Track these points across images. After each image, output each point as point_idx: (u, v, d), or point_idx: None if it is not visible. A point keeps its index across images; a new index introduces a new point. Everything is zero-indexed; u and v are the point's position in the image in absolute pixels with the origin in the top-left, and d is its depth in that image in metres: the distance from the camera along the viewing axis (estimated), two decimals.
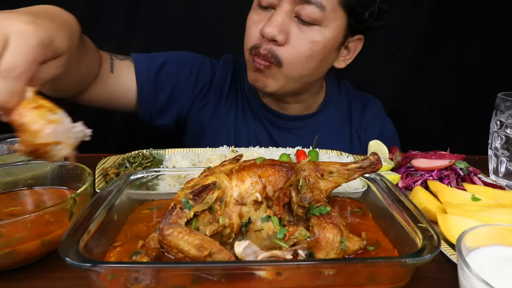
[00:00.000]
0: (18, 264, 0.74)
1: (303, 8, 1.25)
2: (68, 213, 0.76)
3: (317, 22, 1.28)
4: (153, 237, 0.72)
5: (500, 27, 2.12)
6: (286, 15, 1.27)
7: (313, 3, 1.25)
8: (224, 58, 1.63)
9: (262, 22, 1.30)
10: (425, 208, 0.94)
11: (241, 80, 1.62)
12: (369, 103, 1.70)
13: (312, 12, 1.25)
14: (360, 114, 1.67)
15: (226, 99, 1.58)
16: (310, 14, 1.26)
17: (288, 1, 1.26)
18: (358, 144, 1.64)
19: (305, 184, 0.80)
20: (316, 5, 1.25)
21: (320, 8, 1.25)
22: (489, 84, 1.87)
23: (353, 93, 1.73)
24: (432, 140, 1.69)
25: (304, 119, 1.59)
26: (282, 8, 1.27)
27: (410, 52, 2.19)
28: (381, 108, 1.74)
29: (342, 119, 1.65)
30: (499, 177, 1.22)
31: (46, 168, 0.95)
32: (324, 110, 1.62)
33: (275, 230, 0.71)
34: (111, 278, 0.61)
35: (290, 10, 1.27)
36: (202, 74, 1.56)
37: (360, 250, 0.73)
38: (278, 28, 1.25)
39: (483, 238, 0.69)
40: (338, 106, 1.65)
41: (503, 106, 1.17)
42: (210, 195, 0.69)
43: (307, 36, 1.29)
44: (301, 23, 1.28)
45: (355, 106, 1.68)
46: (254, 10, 1.36)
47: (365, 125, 1.65)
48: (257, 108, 1.58)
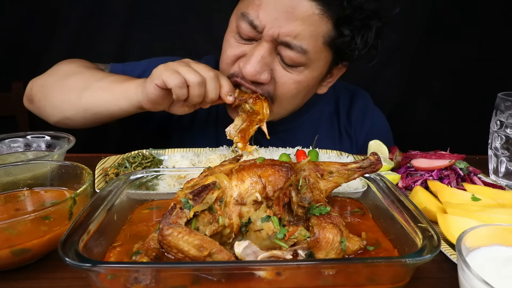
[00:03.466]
0: (18, 264, 0.74)
1: (285, 50, 1.18)
2: (68, 213, 0.76)
3: (300, 64, 1.22)
4: (153, 237, 0.71)
5: (500, 27, 2.12)
6: (268, 53, 1.19)
7: (294, 48, 1.17)
8: (205, 59, 1.59)
9: (240, 51, 1.24)
10: (425, 208, 0.94)
11: None
12: (356, 97, 1.63)
13: (294, 56, 1.18)
14: (347, 109, 1.60)
15: None
16: (292, 58, 1.19)
17: (269, 41, 1.18)
18: (347, 142, 1.59)
19: (305, 184, 0.80)
20: (296, 50, 1.17)
21: (302, 52, 1.18)
22: (489, 84, 1.86)
23: (340, 85, 1.61)
24: (432, 140, 1.68)
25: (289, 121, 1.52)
26: (263, 46, 1.18)
27: (410, 52, 2.19)
28: (369, 100, 1.66)
29: (329, 116, 1.59)
30: (499, 177, 1.22)
31: (46, 168, 0.95)
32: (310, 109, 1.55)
33: (275, 230, 0.71)
34: (111, 278, 0.61)
35: (271, 48, 1.19)
36: None
37: (360, 250, 0.73)
38: (258, 70, 1.19)
39: (483, 238, 0.69)
40: (325, 102, 1.58)
41: (503, 106, 1.17)
42: (210, 195, 0.69)
43: (291, 76, 1.23)
44: (283, 63, 1.22)
45: (342, 101, 1.61)
46: (232, 33, 1.27)
47: (354, 122, 1.60)
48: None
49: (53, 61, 2.09)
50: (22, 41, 2.00)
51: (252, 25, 1.18)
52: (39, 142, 1.24)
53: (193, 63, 1.19)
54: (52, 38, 2.02)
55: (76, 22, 2.00)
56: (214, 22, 2.06)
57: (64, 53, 2.02)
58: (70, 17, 2.00)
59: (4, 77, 2.02)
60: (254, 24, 1.17)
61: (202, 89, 1.15)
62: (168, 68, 1.15)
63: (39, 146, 1.23)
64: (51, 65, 1.42)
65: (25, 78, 2.03)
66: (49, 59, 2.02)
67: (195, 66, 1.17)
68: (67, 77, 1.34)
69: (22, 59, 2.03)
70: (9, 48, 2.00)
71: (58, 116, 1.34)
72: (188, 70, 1.14)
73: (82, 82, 1.30)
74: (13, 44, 2.00)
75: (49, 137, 1.24)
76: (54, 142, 1.23)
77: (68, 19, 2.00)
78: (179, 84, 1.12)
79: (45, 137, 1.24)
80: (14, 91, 2.02)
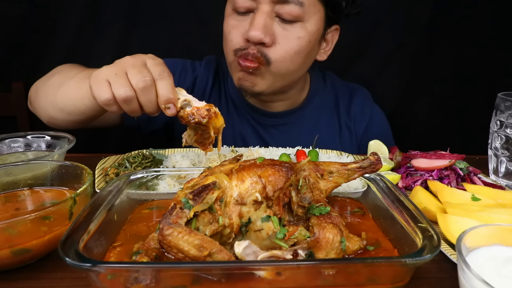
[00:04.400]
0: (18, 264, 0.74)
1: (282, 7, 1.26)
2: (68, 213, 0.76)
3: (299, 19, 1.28)
4: (153, 237, 0.72)
5: (500, 27, 2.12)
6: (268, 16, 1.26)
7: (291, 1, 1.25)
8: (207, 59, 1.64)
9: (242, 27, 1.30)
10: (425, 208, 0.94)
11: (225, 80, 1.62)
12: (356, 92, 1.69)
13: (292, 10, 1.26)
14: (347, 104, 1.66)
15: (208, 99, 1.58)
16: (291, 12, 1.26)
17: (267, 2, 1.25)
18: (347, 135, 1.63)
19: (305, 184, 0.80)
20: (294, 3, 1.25)
21: (299, 5, 1.26)
22: (489, 84, 1.87)
23: (339, 83, 1.71)
24: (432, 140, 1.68)
25: (290, 115, 1.58)
26: (261, 11, 1.26)
27: (410, 52, 2.19)
28: (368, 96, 1.72)
29: (329, 110, 1.64)
30: (499, 177, 1.22)
31: (46, 168, 0.95)
32: (309, 103, 1.61)
33: (275, 230, 0.71)
34: (111, 278, 0.61)
35: (270, 11, 1.26)
36: (184, 78, 1.57)
37: (360, 250, 0.73)
38: (263, 31, 1.25)
39: (483, 238, 0.69)
40: (324, 98, 1.64)
41: (503, 106, 1.17)
42: (210, 195, 0.69)
43: (292, 34, 1.29)
44: (283, 22, 1.29)
45: (341, 96, 1.66)
46: (230, 16, 1.34)
47: (353, 115, 1.64)
48: (241, 107, 1.58)
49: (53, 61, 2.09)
50: (22, 41, 2.00)
51: None
52: (39, 142, 1.24)
53: (138, 65, 1.01)
54: (52, 38, 2.02)
55: (76, 22, 2.00)
56: (214, 21, 2.06)
57: (64, 53, 2.02)
58: (70, 17, 1.99)
59: (4, 77, 2.03)
60: None
61: (134, 104, 1.00)
62: (98, 78, 1.02)
63: (39, 146, 1.23)
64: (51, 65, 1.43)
65: (25, 78, 2.04)
66: (49, 59, 2.03)
67: (134, 70, 0.99)
68: (51, 77, 1.36)
69: (22, 59, 2.03)
70: (9, 48, 2.00)
71: (45, 116, 1.35)
72: (118, 81, 0.99)
73: (59, 80, 1.29)
74: (13, 44, 2.00)
75: (49, 137, 1.24)
76: (54, 142, 1.23)
77: (68, 19, 1.99)
78: (106, 102, 0.99)
79: (45, 137, 1.24)
80: (14, 91, 2.02)
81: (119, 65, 1.02)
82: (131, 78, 0.99)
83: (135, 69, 1.00)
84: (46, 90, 1.32)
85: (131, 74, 0.99)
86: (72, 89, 1.22)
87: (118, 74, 1.00)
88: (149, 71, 1.00)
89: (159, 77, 0.99)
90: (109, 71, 1.01)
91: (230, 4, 1.35)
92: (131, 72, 0.99)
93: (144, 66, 1.01)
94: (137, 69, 0.99)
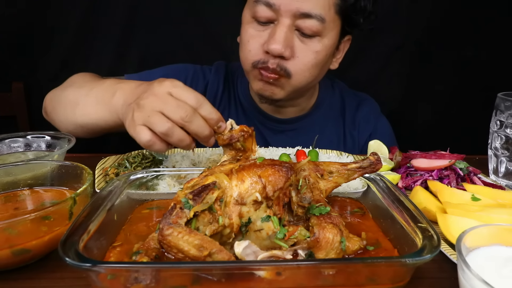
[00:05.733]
0: (18, 264, 0.74)
1: (304, 22, 1.26)
2: (68, 213, 0.76)
3: (318, 33, 1.29)
4: (153, 237, 0.72)
5: (500, 27, 2.12)
6: (288, 29, 1.26)
7: (314, 17, 1.25)
8: (216, 65, 1.65)
9: (261, 38, 1.31)
10: (425, 208, 0.94)
11: (234, 85, 1.63)
12: (363, 102, 1.70)
13: (313, 25, 1.26)
14: (353, 113, 1.67)
15: (219, 105, 1.60)
16: (311, 27, 1.26)
17: (288, 16, 1.25)
18: (351, 143, 1.65)
19: (305, 184, 0.80)
20: (316, 18, 1.26)
21: (320, 21, 1.26)
22: (489, 84, 1.87)
23: (348, 92, 1.73)
24: (432, 140, 1.68)
25: (298, 121, 1.60)
26: (283, 24, 1.26)
27: (410, 52, 2.19)
28: (375, 107, 1.73)
29: (335, 118, 1.66)
30: (499, 177, 1.22)
31: (46, 168, 0.95)
32: (317, 110, 1.63)
33: (275, 230, 0.71)
34: (111, 278, 0.61)
35: (290, 24, 1.26)
36: (197, 83, 1.58)
37: (360, 250, 0.73)
38: (284, 44, 1.25)
39: (483, 238, 0.69)
40: (331, 105, 1.66)
41: (503, 106, 1.17)
42: (210, 195, 0.69)
43: (310, 47, 1.30)
44: (302, 35, 1.29)
45: (348, 105, 1.68)
46: (249, 24, 1.34)
47: (358, 123, 1.66)
48: (250, 112, 1.60)
49: (53, 61, 2.09)
50: (22, 41, 2.00)
51: (268, 5, 1.26)
52: (39, 142, 1.24)
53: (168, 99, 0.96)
54: (53, 38, 2.02)
55: (77, 22, 2.00)
56: (215, 24, 2.06)
57: (64, 53, 2.02)
58: (71, 17, 1.99)
59: (4, 77, 2.03)
60: (270, 3, 1.25)
61: (178, 134, 0.95)
62: (132, 120, 0.97)
63: (39, 146, 1.23)
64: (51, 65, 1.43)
65: (25, 78, 2.04)
66: (49, 59, 2.03)
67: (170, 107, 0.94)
68: (65, 90, 1.35)
69: (22, 59, 2.03)
70: (9, 48, 2.00)
71: (65, 130, 1.34)
72: (153, 117, 0.94)
73: (74, 96, 1.28)
74: (13, 44, 2.00)
75: (49, 137, 1.24)
76: (54, 142, 1.23)
77: (68, 19, 1.99)
78: (148, 143, 0.95)
79: (45, 137, 1.24)
80: (14, 91, 2.02)
81: (146, 106, 0.95)
82: (172, 114, 0.93)
83: (170, 105, 0.94)
84: (63, 106, 1.31)
85: (169, 111, 0.94)
86: (91, 110, 1.20)
87: (151, 115, 0.94)
88: (184, 101, 0.96)
89: (198, 103, 0.97)
90: (141, 115, 0.95)
91: (248, 10, 1.35)
92: (168, 109, 0.94)
93: (171, 97, 0.96)
94: (174, 103, 0.94)
